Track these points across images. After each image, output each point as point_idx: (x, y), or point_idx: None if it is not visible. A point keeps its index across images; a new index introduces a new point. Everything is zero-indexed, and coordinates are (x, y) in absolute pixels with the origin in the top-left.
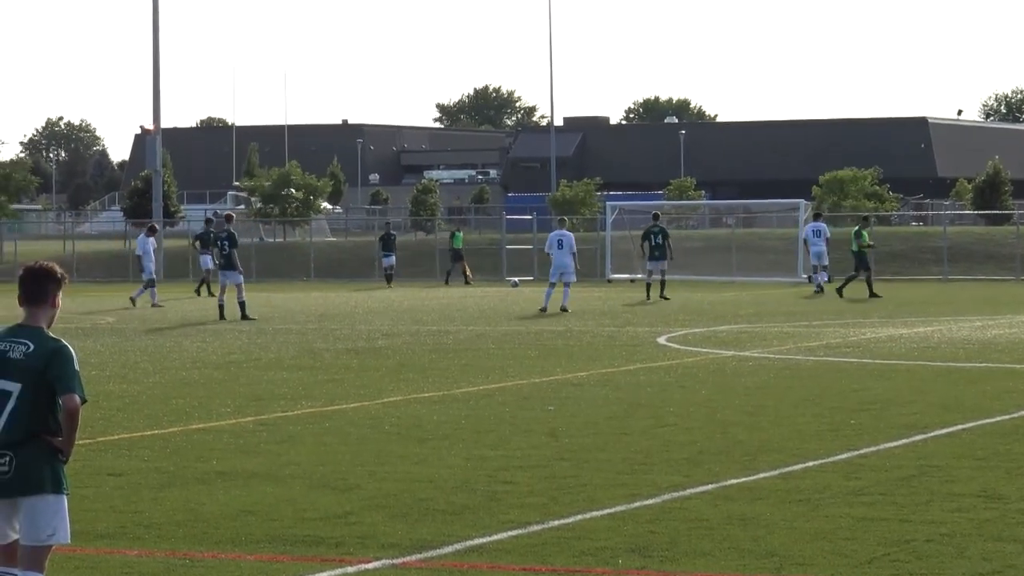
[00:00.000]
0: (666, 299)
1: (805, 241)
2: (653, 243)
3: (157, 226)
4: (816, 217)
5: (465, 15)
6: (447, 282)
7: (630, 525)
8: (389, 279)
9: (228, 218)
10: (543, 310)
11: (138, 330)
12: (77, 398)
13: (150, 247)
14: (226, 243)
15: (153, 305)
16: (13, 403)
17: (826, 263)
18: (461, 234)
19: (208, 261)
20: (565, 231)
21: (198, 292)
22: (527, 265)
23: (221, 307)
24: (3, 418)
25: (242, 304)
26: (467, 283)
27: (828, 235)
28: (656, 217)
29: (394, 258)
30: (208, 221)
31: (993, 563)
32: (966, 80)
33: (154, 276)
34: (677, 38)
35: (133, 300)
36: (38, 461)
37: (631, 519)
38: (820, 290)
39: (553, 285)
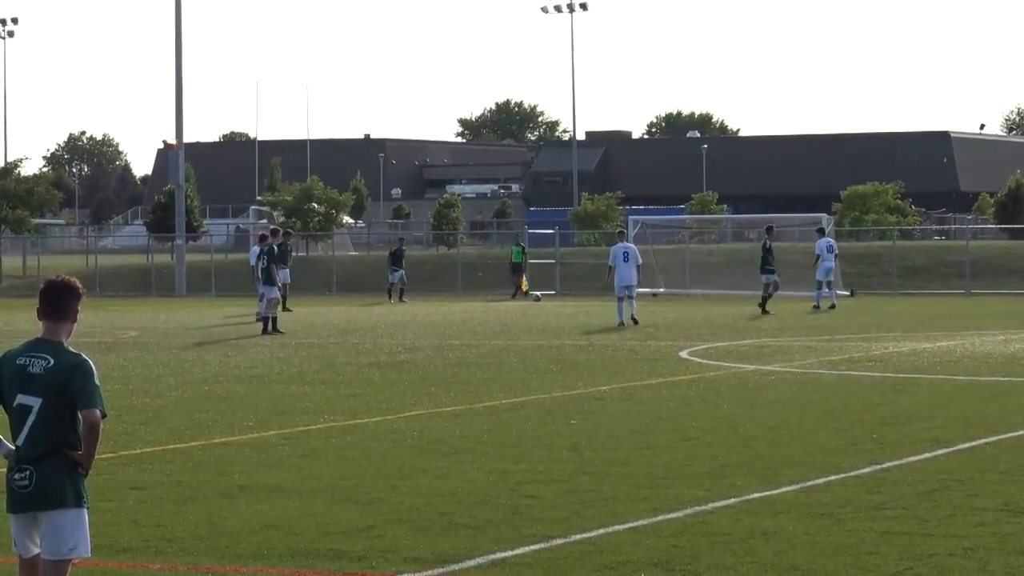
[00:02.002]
0: (765, 312)
1: (818, 257)
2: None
3: (268, 234)
4: (822, 233)
5: (487, 30)
6: (515, 296)
7: (652, 539)
8: (400, 293)
9: (273, 232)
10: (621, 324)
11: (161, 344)
12: (98, 412)
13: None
14: (265, 257)
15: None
16: (34, 417)
17: (831, 279)
18: (520, 248)
19: (284, 275)
20: (629, 244)
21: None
22: (549, 279)
23: (264, 320)
24: (24, 432)
25: (273, 319)
26: (514, 296)
27: (836, 251)
28: (768, 231)
29: (402, 273)
30: (275, 232)
31: None
32: (988, 94)
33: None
34: (699, 52)
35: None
36: (59, 475)
37: (653, 533)
38: (818, 307)
39: (622, 299)
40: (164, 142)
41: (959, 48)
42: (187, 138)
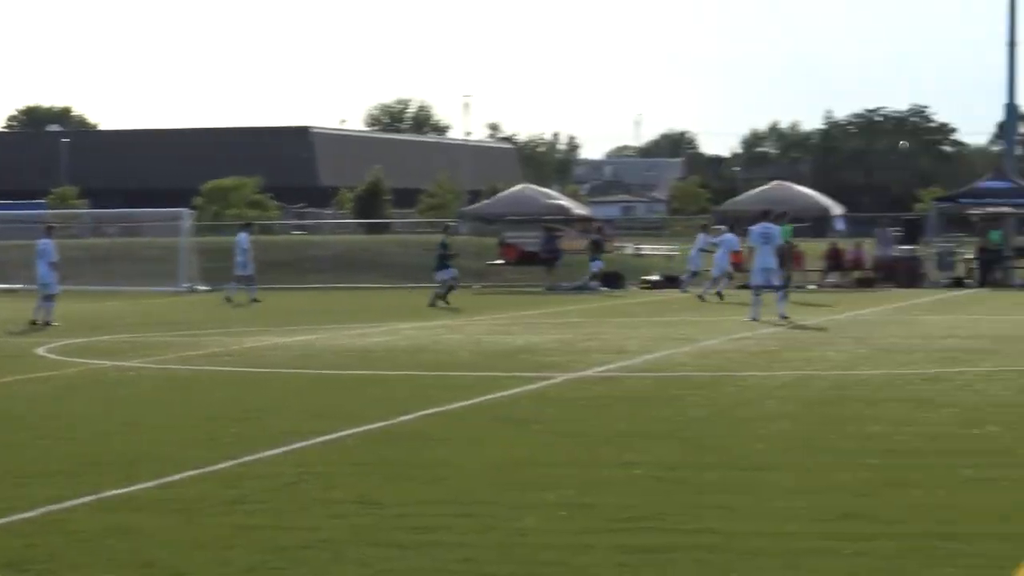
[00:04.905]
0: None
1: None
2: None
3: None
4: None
5: None
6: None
7: (5, 539)
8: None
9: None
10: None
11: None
12: None
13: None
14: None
15: None
16: None
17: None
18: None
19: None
20: (770, 224)
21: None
22: None
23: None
24: None
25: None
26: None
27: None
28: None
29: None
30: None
31: (370, 567)
32: (347, 90)
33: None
34: (57, 46)
35: None
36: None
37: (7, 534)
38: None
39: (758, 291)
40: None
41: (318, 47)
42: None
